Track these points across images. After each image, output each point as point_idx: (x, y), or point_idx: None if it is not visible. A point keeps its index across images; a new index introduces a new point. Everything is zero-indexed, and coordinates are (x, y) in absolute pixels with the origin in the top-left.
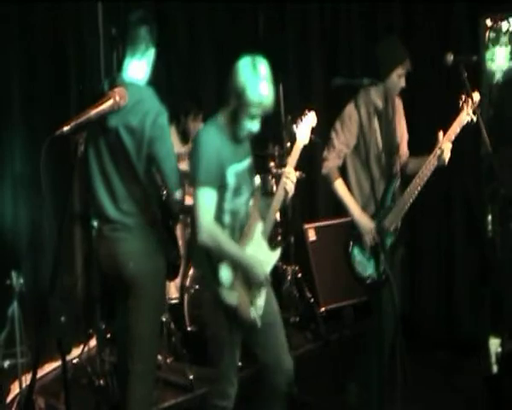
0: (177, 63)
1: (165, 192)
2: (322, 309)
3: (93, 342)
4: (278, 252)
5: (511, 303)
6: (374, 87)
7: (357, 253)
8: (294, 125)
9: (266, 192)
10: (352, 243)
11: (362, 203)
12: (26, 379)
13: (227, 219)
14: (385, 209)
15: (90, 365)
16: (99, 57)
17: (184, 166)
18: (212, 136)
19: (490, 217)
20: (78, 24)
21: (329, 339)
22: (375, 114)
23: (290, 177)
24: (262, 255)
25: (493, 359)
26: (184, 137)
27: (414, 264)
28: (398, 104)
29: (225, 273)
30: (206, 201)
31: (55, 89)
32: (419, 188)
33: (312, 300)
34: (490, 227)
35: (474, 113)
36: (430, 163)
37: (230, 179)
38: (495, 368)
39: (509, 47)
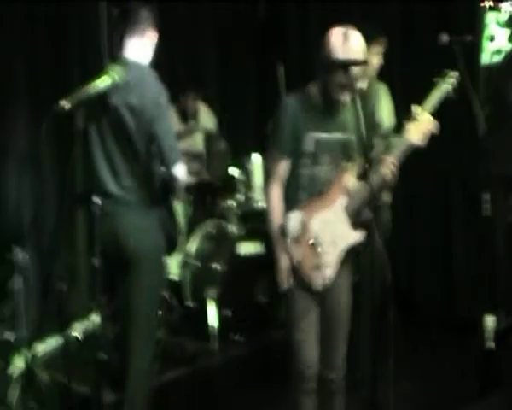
0: (178, 44)
1: (164, 169)
2: None
3: (95, 318)
4: (360, 234)
5: (506, 281)
6: None
7: None
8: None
9: None
10: None
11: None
12: (30, 352)
13: (305, 182)
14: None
15: (92, 339)
16: (101, 37)
17: (184, 144)
18: (291, 102)
19: (487, 196)
20: (80, 4)
21: None
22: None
23: (390, 167)
24: (339, 228)
25: (489, 335)
26: (184, 116)
27: (412, 242)
28: (382, 88)
29: (294, 223)
30: (270, 163)
31: (58, 69)
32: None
33: None
34: (487, 206)
35: (454, 90)
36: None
37: (308, 146)
38: (491, 344)
39: (509, 29)
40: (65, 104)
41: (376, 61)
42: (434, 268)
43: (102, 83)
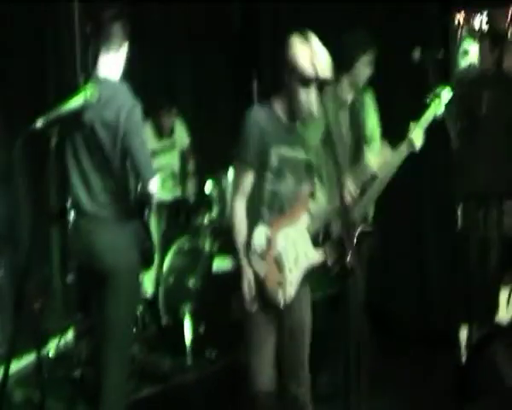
0: (151, 58)
1: (139, 185)
2: None
3: (69, 335)
4: (320, 254)
5: (480, 293)
6: (341, 80)
7: (324, 243)
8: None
9: None
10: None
11: (333, 194)
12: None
13: (266, 197)
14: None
15: (66, 357)
16: (75, 54)
17: (160, 160)
18: (257, 116)
19: (461, 210)
20: (54, 20)
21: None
22: (343, 107)
23: (348, 186)
24: (301, 246)
25: (464, 348)
26: (159, 132)
27: (385, 255)
28: (368, 96)
29: (259, 239)
30: (239, 180)
31: (32, 86)
32: (387, 178)
33: None
34: (461, 220)
35: (446, 108)
36: (398, 154)
37: (273, 161)
38: (465, 357)
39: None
40: (38, 123)
41: (367, 70)
42: (408, 282)
43: (75, 102)
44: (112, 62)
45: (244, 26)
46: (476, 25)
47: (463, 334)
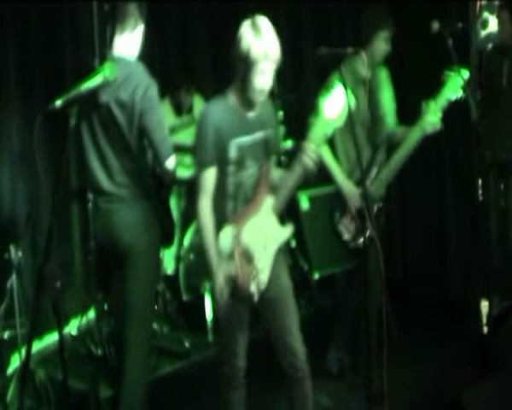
0: (170, 37)
1: (157, 164)
2: (316, 276)
3: (91, 314)
4: (289, 230)
5: (500, 266)
6: (359, 55)
7: (342, 219)
8: (322, 98)
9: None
10: (337, 209)
11: (348, 170)
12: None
13: (230, 190)
14: (371, 177)
15: (88, 336)
16: (93, 33)
17: (179, 137)
18: (212, 111)
19: (480, 182)
20: (72, 2)
21: (323, 305)
22: (361, 83)
23: (309, 153)
24: (269, 230)
25: (484, 320)
26: (178, 109)
27: (406, 229)
28: (383, 73)
29: (225, 240)
30: (201, 179)
31: (50, 65)
32: (404, 157)
33: (306, 267)
34: (480, 191)
35: (463, 89)
36: (415, 133)
37: (232, 153)
38: (486, 329)
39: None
40: (57, 103)
41: (384, 47)
42: (429, 254)
43: (94, 81)
44: (127, 42)
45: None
46: None
47: (485, 307)
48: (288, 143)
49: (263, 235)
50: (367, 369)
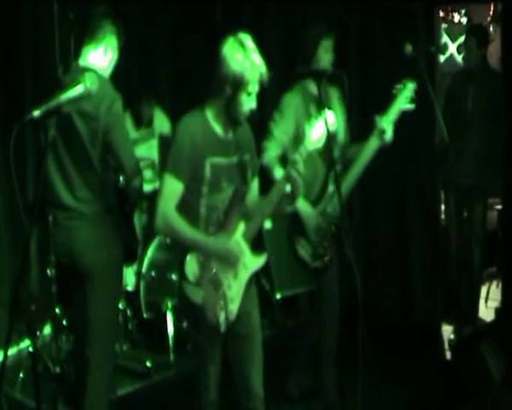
0: (132, 47)
1: (121, 178)
2: (278, 296)
3: (48, 329)
4: (262, 258)
5: (465, 290)
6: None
7: (300, 240)
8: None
9: None
10: (296, 230)
11: (304, 190)
12: None
13: (202, 212)
14: (328, 194)
15: (45, 352)
16: (54, 42)
17: (139, 150)
18: (190, 126)
19: (443, 205)
20: (33, 8)
21: (285, 326)
22: (312, 101)
23: (290, 179)
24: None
25: (446, 345)
26: (138, 121)
27: (368, 252)
28: (335, 93)
29: (191, 267)
30: (167, 189)
31: (9, 75)
32: (359, 172)
33: (268, 287)
34: (443, 215)
35: (411, 101)
36: (368, 147)
37: (207, 172)
38: (448, 354)
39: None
40: (35, 113)
41: (328, 57)
42: (391, 278)
43: (74, 91)
44: (95, 54)
45: (226, 13)
46: (455, 20)
47: (446, 331)
48: None
49: None
50: (328, 394)
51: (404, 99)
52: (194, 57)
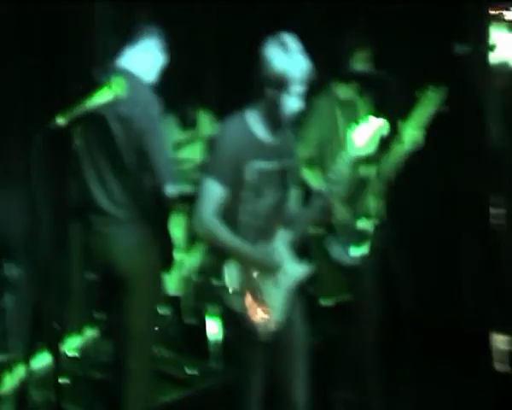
0: (178, 50)
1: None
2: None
3: (89, 334)
4: (307, 266)
5: None
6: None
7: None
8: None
9: None
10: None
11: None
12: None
13: (243, 218)
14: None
15: (85, 357)
16: (94, 44)
17: (184, 152)
18: (231, 129)
19: (498, 210)
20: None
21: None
22: (340, 107)
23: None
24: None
25: (499, 356)
26: (183, 123)
27: (416, 258)
28: (363, 97)
29: (231, 274)
30: (207, 192)
31: (51, 76)
32: (387, 175)
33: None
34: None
35: (443, 103)
36: (394, 152)
37: (249, 177)
38: (501, 366)
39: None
40: (60, 121)
41: (363, 69)
42: (441, 284)
43: (102, 98)
44: (135, 56)
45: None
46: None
47: (499, 341)
48: None
49: None
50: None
51: (429, 103)
52: (241, 59)
